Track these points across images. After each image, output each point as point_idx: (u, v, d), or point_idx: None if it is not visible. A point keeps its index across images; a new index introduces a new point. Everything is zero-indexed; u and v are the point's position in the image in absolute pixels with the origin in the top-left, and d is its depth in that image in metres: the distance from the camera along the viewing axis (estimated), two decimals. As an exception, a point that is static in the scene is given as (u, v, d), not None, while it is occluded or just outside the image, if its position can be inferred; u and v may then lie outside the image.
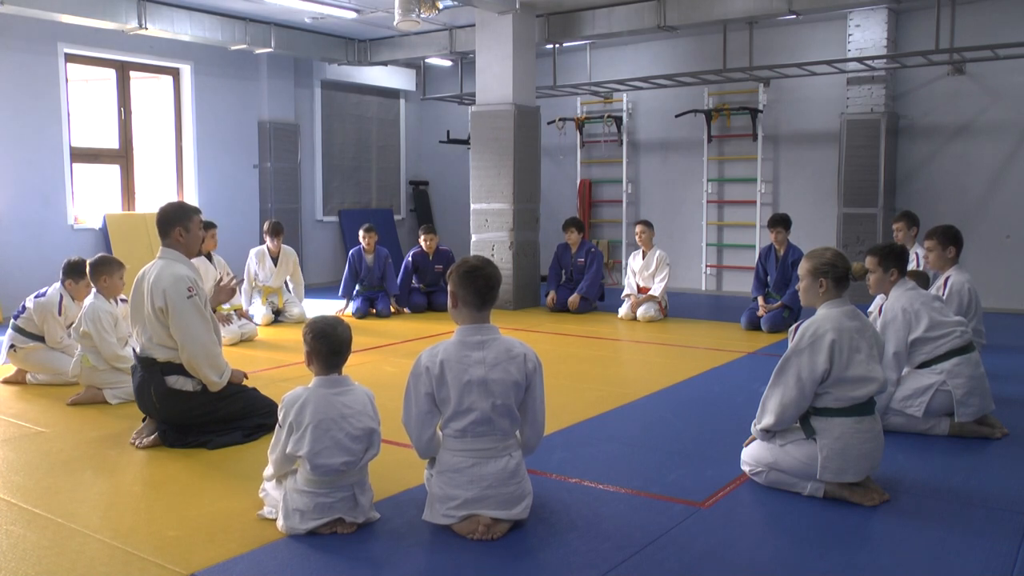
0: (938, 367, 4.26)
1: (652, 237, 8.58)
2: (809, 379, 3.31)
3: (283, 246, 8.30)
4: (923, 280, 5.88)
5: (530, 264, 9.45)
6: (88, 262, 5.32)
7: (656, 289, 8.38)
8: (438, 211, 13.32)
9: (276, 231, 8.17)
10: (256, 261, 8.17)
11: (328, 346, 3.09)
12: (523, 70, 9.18)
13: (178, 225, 4.23)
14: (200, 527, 3.12)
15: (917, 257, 6.41)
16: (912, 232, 6.63)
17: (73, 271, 5.58)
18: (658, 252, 8.55)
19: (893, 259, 4.31)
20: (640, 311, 8.27)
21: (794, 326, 3.57)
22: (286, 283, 8.38)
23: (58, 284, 5.60)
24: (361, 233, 8.75)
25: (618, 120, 11.28)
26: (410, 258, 9.09)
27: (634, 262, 8.69)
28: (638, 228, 8.61)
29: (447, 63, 12.06)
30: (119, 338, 5.15)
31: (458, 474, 3.00)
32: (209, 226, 7.09)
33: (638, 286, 8.56)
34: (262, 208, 11.04)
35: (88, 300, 5.21)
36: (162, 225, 4.24)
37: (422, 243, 9.12)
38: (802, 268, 3.52)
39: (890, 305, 4.30)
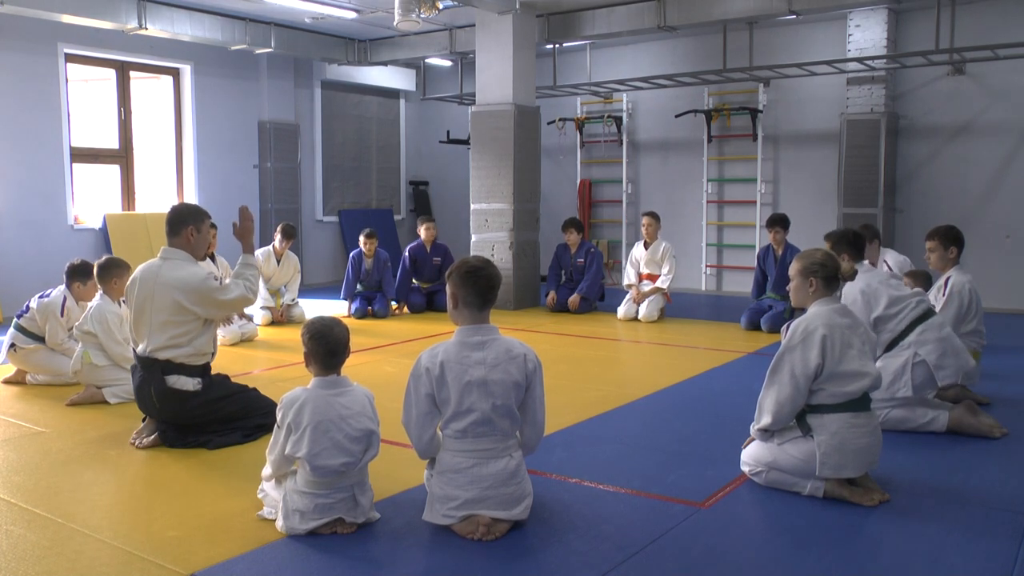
0: (904, 342, 4.29)
1: (658, 230, 8.57)
2: (803, 375, 3.33)
3: (288, 252, 8.33)
4: (925, 279, 5.89)
5: (530, 264, 9.45)
6: (96, 264, 5.29)
7: (663, 281, 8.37)
8: (438, 211, 13.31)
9: (288, 234, 8.22)
10: (261, 260, 8.19)
11: (325, 347, 3.09)
12: (523, 70, 9.18)
13: (191, 224, 4.25)
14: (200, 527, 3.12)
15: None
16: (875, 244, 5.90)
17: (79, 273, 5.57)
18: (664, 244, 8.52)
19: (845, 244, 4.36)
20: (642, 312, 8.26)
21: (785, 325, 3.61)
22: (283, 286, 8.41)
23: (63, 286, 5.59)
24: (362, 239, 8.76)
25: (618, 120, 11.28)
26: (407, 254, 9.09)
27: (637, 251, 8.67)
28: (645, 220, 8.57)
29: (447, 63, 12.06)
30: (124, 338, 5.15)
31: (458, 474, 3.00)
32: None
33: (640, 275, 8.56)
34: (262, 208, 11.04)
35: (94, 301, 5.20)
36: (174, 223, 4.24)
37: (421, 233, 9.11)
38: (792, 268, 3.56)
39: (849, 289, 4.31)
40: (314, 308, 8.60)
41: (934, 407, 4.33)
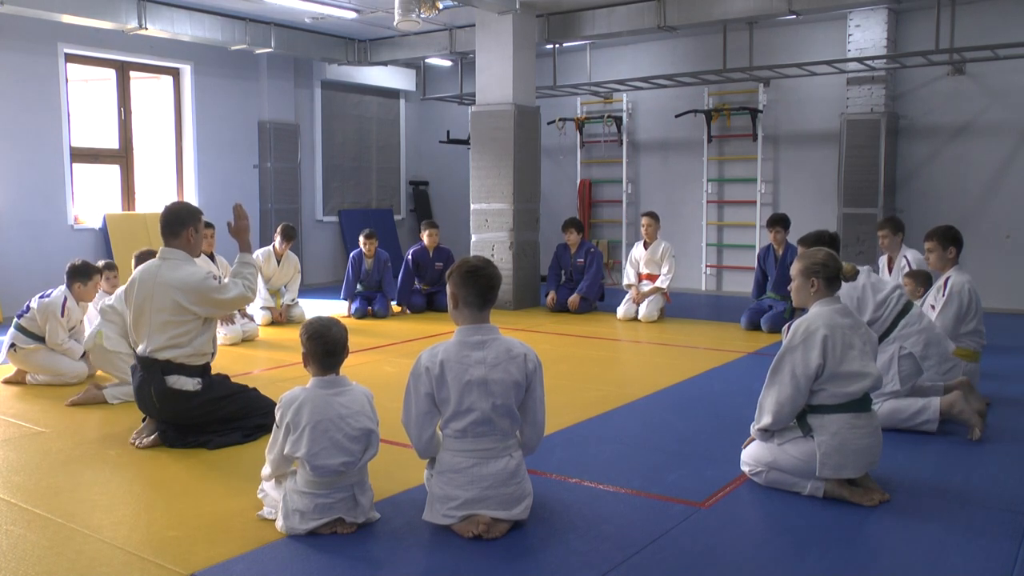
0: (890, 337, 4.35)
1: (658, 230, 8.58)
2: (803, 375, 3.33)
3: (288, 252, 8.33)
4: (925, 279, 5.89)
5: (530, 264, 9.45)
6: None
7: (662, 281, 8.38)
8: (438, 211, 13.32)
9: (288, 235, 8.22)
10: (261, 260, 8.20)
11: (323, 347, 3.09)
12: (523, 70, 9.18)
13: (191, 225, 4.27)
14: (200, 527, 3.12)
15: (907, 262, 6.38)
16: (898, 238, 6.52)
17: (79, 273, 5.59)
18: (663, 244, 8.52)
19: (822, 245, 4.36)
20: (642, 312, 8.27)
21: (787, 325, 3.61)
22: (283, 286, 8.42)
23: (63, 286, 5.60)
24: (361, 239, 8.77)
25: (618, 120, 11.28)
26: (410, 257, 9.09)
27: (636, 251, 8.67)
28: (644, 220, 8.57)
29: (447, 63, 12.06)
30: None
31: (458, 474, 3.00)
32: (207, 227, 7.09)
33: (640, 275, 8.56)
34: (262, 208, 11.04)
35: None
36: (173, 224, 4.24)
37: (425, 238, 9.11)
38: (794, 268, 3.56)
39: (843, 292, 4.33)
40: (314, 308, 8.60)
41: (924, 396, 4.35)
